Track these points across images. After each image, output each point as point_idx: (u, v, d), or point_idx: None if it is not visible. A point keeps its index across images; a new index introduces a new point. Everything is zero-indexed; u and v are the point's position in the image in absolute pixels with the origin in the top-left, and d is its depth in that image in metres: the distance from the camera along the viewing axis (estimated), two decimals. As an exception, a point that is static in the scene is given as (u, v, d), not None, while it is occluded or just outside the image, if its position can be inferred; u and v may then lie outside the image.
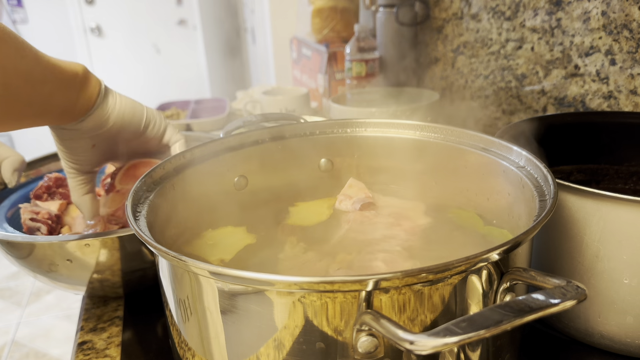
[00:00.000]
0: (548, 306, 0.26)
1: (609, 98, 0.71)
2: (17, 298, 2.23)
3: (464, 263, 0.29)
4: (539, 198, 0.39)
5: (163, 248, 0.32)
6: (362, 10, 1.35)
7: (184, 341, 0.38)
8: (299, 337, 0.31)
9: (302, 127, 0.59)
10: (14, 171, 0.64)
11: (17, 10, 3.18)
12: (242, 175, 0.56)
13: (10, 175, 0.63)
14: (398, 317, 0.30)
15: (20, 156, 0.65)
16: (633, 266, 0.42)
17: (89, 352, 0.52)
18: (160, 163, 0.48)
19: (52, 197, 0.67)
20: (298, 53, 1.50)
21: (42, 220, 0.61)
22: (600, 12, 0.70)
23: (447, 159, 0.54)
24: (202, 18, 3.58)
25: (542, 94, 0.83)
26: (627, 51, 0.67)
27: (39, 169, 0.76)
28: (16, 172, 0.64)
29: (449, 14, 1.04)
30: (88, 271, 0.53)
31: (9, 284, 2.34)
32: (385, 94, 1.06)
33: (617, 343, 0.45)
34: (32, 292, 2.27)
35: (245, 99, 1.36)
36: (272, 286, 0.30)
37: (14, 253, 0.54)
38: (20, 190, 0.69)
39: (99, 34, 3.43)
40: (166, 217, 0.46)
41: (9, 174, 0.63)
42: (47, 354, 1.88)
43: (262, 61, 2.70)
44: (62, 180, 0.69)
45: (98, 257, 0.52)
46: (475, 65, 0.99)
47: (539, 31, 0.81)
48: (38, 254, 0.52)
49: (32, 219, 0.61)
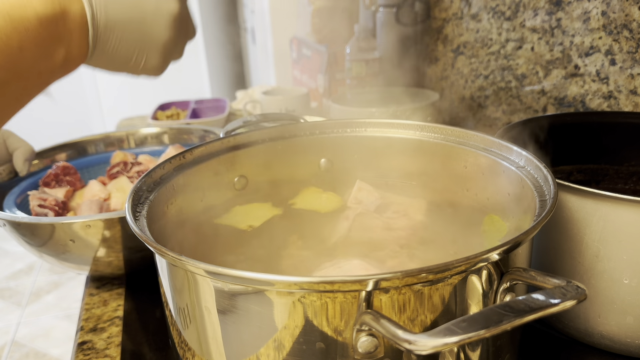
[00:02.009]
0: (548, 306, 0.26)
1: (609, 98, 0.71)
2: (17, 298, 2.23)
3: (464, 263, 0.29)
4: (539, 198, 0.39)
5: (163, 248, 0.32)
6: (362, 10, 1.35)
7: (183, 341, 0.38)
8: (299, 337, 0.31)
9: (302, 127, 0.59)
10: (25, 161, 0.69)
11: (17, 10, 3.18)
12: (242, 175, 0.56)
13: (21, 164, 0.69)
14: (398, 317, 0.30)
15: (31, 146, 0.71)
16: (633, 266, 0.42)
17: (89, 352, 0.52)
18: (160, 163, 0.48)
19: (59, 185, 0.71)
20: (298, 53, 1.50)
21: (49, 206, 0.64)
22: (600, 12, 0.70)
23: (447, 159, 0.54)
24: (202, 18, 3.58)
25: (542, 94, 0.83)
26: (627, 51, 0.67)
27: (52, 158, 0.79)
28: (27, 162, 0.69)
29: (449, 14, 1.04)
30: (91, 250, 0.57)
31: (9, 284, 2.34)
32: (385, 94, 1.06)
33: (617, 343, 0.45)
34: (32, 292, 2.27)
35: (245, 99, 1.36)
36: (272, 286, 0.30)
37: (28, 235, 0.57)
38: (30, 178, 0.73)
39: (99, 34, 3.42)
40: (166, 217, 0.46)
41: (21, 163, 0.68)
42: (47, 354, 1.88)
43: (262, 61, 2.70)
44: (69, 169, 0.73)
45: (100, 237, 0.55)
46: (475, 65, 0.99)
47: (539, 31, 0.81)
48: (53, 235, 0.56)
49: (40, 205, 0.64)
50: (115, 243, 0.56)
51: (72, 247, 0.56)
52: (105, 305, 0.59)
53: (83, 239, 0.55)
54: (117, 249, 0.57)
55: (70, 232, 0.55)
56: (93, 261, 0.58)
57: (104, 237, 0.55)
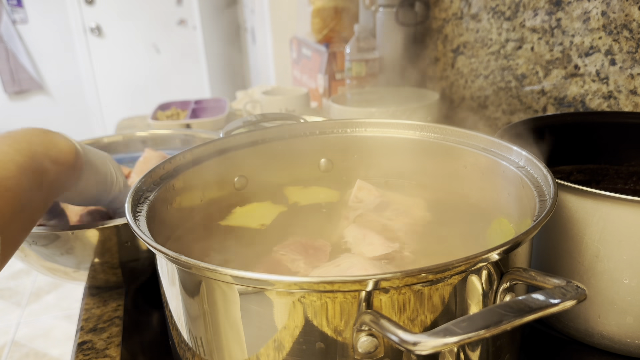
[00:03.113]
0: (548, 306, 0.26)
1: (609, 98, 0.71)
2: (17, 298, 2.23)
3: (464, 263, 0.29)
4: (539, 198, 0.39)
5: (163, 248, 0.32)
6: (362, 10, 1.35)
7: (183, 341, 0.38)
8: (299, 337, 0.31)
9: (302, 127, 0.59)
10: None
11: (17, 10, 3.18)
12: (242, 175, 0.56)
13: None
14: (398, 317, 0.30)
15: None
16: (633, 266, 0.42)
17: (89, 352, 0.52)
18: (160, 163, 0.48)
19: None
20: (298, 53, 1.50)
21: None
22: (600, 12, 0.70)
23: (447, 159, 0.54)
24: (202, 18, 3.58)
25: (542, 94, 0.83)
26: (627, 51, 0.67)
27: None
28: None
29: (449, 14, 1.04)
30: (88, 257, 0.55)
31: (8, 284, 2.34)
32: (385, 94, 1.06)
33: (617, 343, 0.45)
34: (32, 292, 2.27)
35: (245, 99, 1.36)
36: (272, 286, 0.30)
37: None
38: None
39: (99, 34, 3.43)
40: (166, 217, 0.46)
41: None
42: (47, 354, 1.88)
43: (262, 61, 2.70)
44: None
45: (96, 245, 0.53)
46: (475, 65, 0.99)
47: (539, 31, 0.81)
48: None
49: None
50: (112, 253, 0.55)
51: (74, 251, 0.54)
52: (105, 305, 0.59)
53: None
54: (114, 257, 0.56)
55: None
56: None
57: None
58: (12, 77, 3.24)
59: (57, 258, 0.54)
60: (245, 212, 0.54)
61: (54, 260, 0.54)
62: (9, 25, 3.16)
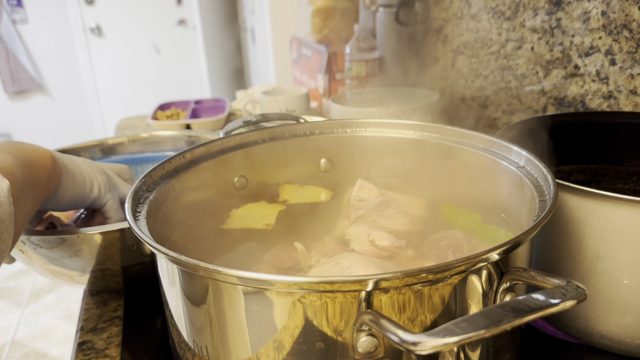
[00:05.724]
0: (548, 306, 0.26)
1: (609, 98, 0.71)
2: (17, 298, 2.23)
3: (464, 263, 0.29)
4: (539, 198, 0.39)
5: (162, 248, 0.32)
6: (362, 10, 1.35)
7: (183, 341, 0.38)
8: (299, 337, 0.31)
9: (302, 127, 0.59)
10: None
11: (17, 10, 3.18)
12: (242, 175, 0.56)
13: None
14: (398, 317, 0.30)
15: None
16: (633, 266, 0.42)
17: (89, 352, 0.52)
18: (160, 163, 0.48)
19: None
20: (298, 53, 1.50)
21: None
22: (600, 12, 0.70)
23: (447, 159, 0.54)
24: (202, 18, 3.58)
25: (542, 94, 0.83)
26: (627, 51, 0.67)
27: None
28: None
29: (449, 14, 1.04)
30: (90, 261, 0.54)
31: (8, 284, 2.34)
32: (385, 94, 1.06)
33: (617, 343, 0.45)
34: (32, 292, 2.27)
35: (245, 99, 1.36)
36: (272, 286, 0.30)
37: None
38: None
39: (99, 34, 3.43)
40: (166, 217, 0.46)
41: None
42: (47, 354, 1.88)
43: (262, 61, 2.70)
44: None
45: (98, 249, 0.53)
46: (475, 65, 0.99)
47: (539, 31, 0.81)
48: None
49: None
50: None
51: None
52: (105, 305, 0.59)
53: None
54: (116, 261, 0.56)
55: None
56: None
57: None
58: (12, 77, 3.24)
59: (64, 261, 0.54)
60: (244, 213, 0.54)
61: (61, 263, 0.54)
62: (9, 25, 3.16)
